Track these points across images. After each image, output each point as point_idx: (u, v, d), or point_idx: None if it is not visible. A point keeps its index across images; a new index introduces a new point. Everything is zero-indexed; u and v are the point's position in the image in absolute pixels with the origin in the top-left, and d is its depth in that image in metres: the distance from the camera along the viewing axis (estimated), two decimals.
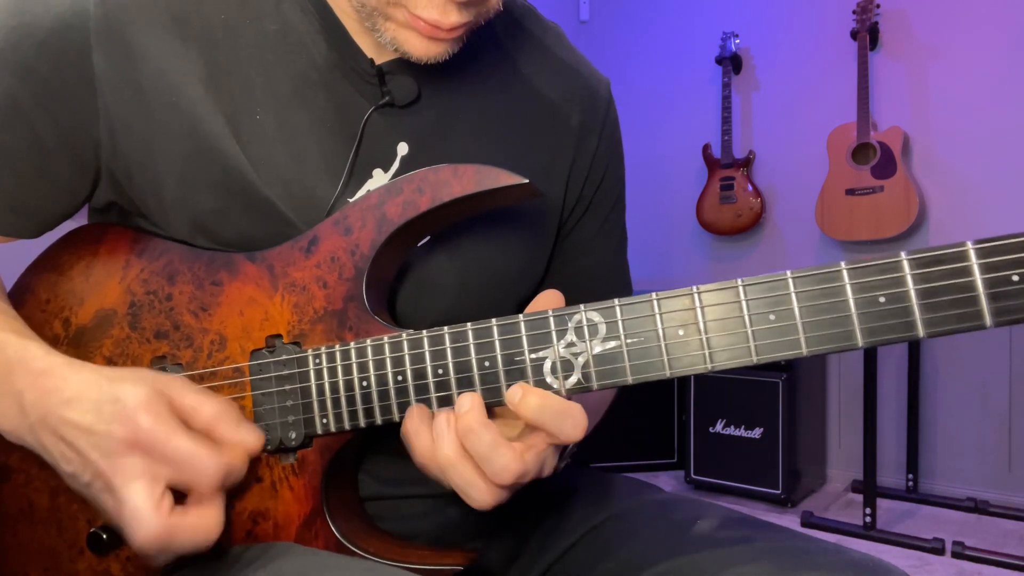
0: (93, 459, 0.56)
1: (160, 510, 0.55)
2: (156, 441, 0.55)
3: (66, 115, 0.65)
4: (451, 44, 0.64)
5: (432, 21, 0.60)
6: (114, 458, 0.55)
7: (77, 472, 0.58)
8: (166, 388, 0.58)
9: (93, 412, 0.56)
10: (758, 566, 0.60)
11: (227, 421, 0.59)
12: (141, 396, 0.56)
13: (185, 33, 0.66)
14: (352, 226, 0.64)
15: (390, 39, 0.63)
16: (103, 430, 0.55)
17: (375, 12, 0.62)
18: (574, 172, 0.78)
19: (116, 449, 0.55)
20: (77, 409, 0.56)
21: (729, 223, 3.26)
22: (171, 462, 0.55)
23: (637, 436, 3.09)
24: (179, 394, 0.58)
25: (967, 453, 2.85)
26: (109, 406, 0.56)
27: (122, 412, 0.55)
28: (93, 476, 0.57)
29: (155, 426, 0.55)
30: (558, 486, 0.78)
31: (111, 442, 0.55)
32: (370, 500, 0.72)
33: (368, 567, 0.58)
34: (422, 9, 0.60)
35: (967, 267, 0.50)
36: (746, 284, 0.54)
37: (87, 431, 0.56)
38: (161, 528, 0.54)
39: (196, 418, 0.58)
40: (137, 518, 0.54)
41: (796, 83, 3.22)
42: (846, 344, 0.52)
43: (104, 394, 0.56)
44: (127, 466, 0.55)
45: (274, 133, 0.66)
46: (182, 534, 0.56)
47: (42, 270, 0.72)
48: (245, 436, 0.59)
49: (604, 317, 0.57)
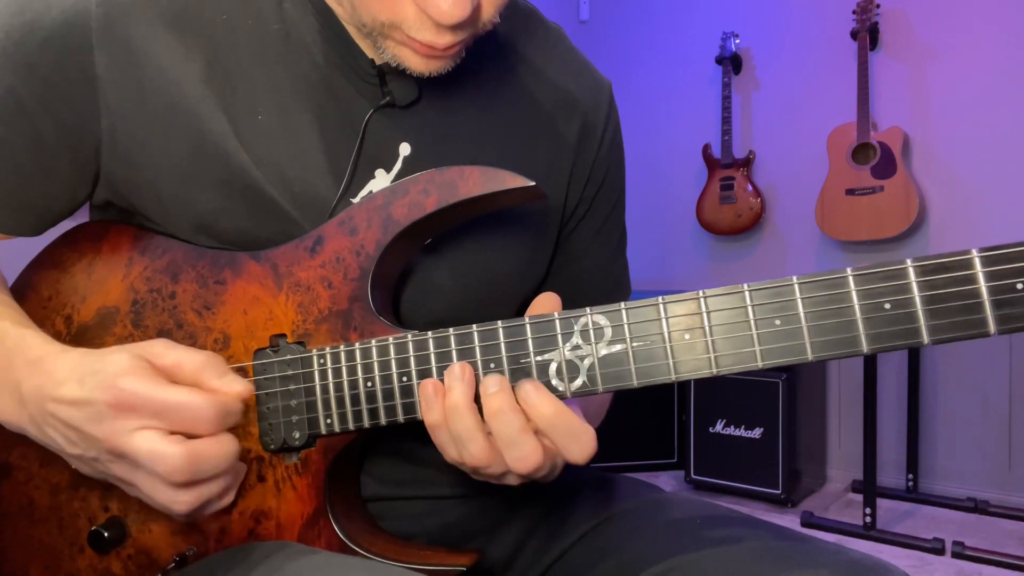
0: (89, 431, 0.56)
1: (174, 441, 0.55)
2: (140, 398, 0.55)
3: (67, 113, 0.65)
4: (449, 60, 0.64)
5: (427, 42, 0.61)
6: (106, 422, 0.55)
7: (82, 451, 0.58)
8: (145, 351, 0.58)
9: (77, 384, 0.56)
10: (758, 566, 0.60)
11: (212, 371, 0.59)
12: (121, 362, 0.56)
13: (186, 33, 0.66)
14: (358, 226, 0.64)
15: (391, 56, 0.64)
16: (88, 397, 0.56)
17: (373, 32, 0.62)
18: (575, 174, 0.78)
19: (105, 413, 0.55)
20: (65, 387, 0.57)
21: (729, 223, 3.26)
22: (163, 412, 0.55)
23: (637, 436, 3.09)
24: (160, 354, 0.58)
25: (967, 453, 2.85)
26: (91, 377, 0.56)
27: (104, 379, 0.56)
28: (98, 449, 0.57)
29: (137, 384, 0.55)
30: (558, 486, 0.77)
31: (98, 408, 0.55)
32: (371, 501, 0.72)
33: (371, 567, 0.58)
34: (416, 31, 0.60)
35: (972, 275, 0.50)
36: (752, 289, 0.54)
37: (75, 404, 0.56)
38: (182, 453, 0.55)
39: (180, 373, 0.58)
40: (155, 455, 0.55)
41: (796, 83, 3.22)
42: (851, 350, 0.52)
43: (86, 367, 0.57)
44: (122, 426, 0.55)
45: (276, 132, 0.66)
46: (207, 454, 0.56)
47: (44, 267, 0.72)
48: (231, 383, 0.59)
49: (610, 320, 0.57)
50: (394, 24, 0.60)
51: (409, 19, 0.60)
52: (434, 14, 0.58)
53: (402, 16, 0.60)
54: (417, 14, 0.59)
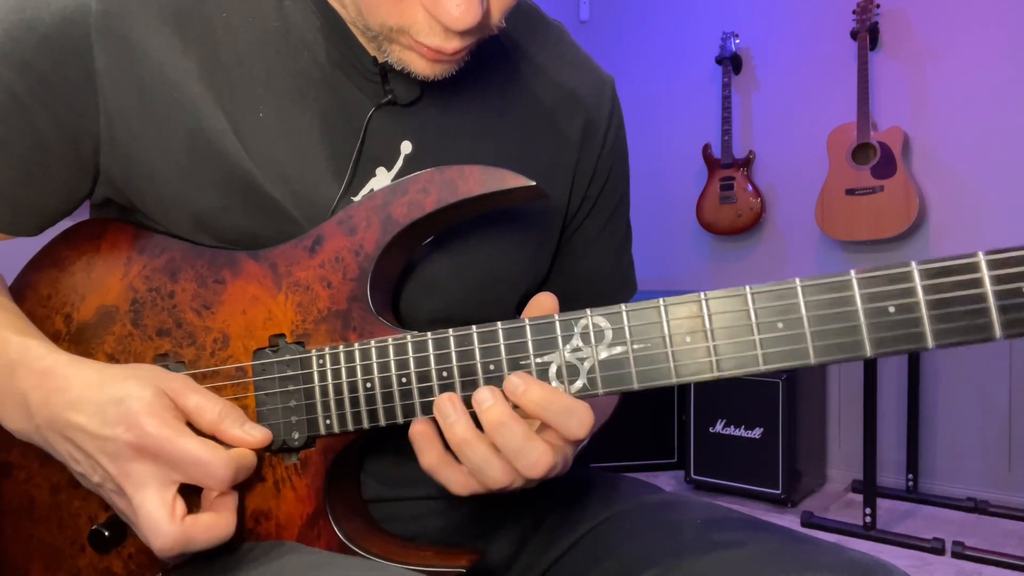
0: (102, 463, 0.56)
1: (175, 517, 0.55)
2: (163, 445, 0.55)
3: (66, 111, 0.65)
4: (455, 63, 0.64)
5: (435, 47, 0.60)
6: (122, 462, 0.55)
7: (87, 473, 0.58)
8: (169, 388, 0.58)
9: (97, 415, 0.56)
10: (758, 566, 0.60)
11: (232, 420, 0.59)
12: (145, 398, 0.56)
13: (186, 30, 0.66)
14: (357, 226, 0.64)
15: (395, 60, 0.64)
16: (109, 434, 0.55)
17: (379, 36, 0.62)
18: (579, 171, 0.78)
19: (123, 453, 0.55)
20: (81, 412, 0.56)
21: (729, 223, 3.26)
22: (179, 464, 0.56)
23: (637, 436, 3.09)
24: (183, 395, 0.58)
25: (967, 453, 2.85)
26: (112, 408, 0.56)
27: (126, 415, 0.55)
28: (103, 479, 0.57)
29: (160, 430, 0.55)
30: (558, 486, 0.78)
31: (117, 446, 0.55)
32: (371, 502, 0.72)
33: (370, 567, 0.58)
34: (425, 36, 0.60)
35: (978, 278, 0.49)
36: (754, 292, 0.53)
37: (92, 435, 0.56)
38: (177, 534, 0.55)
39: (202, 418, 0.58)
40: (152, 527, 0.55)
41: (796, 83, 3.22)
42: (855, 354, 0.51)
43: (107, 396, 0.56)
44: (136, 472, 0.55)
45: (276, 131, 0.66)
46: (198, 536, 0.57)
47: (42, 266, 0.72)
48: (252, 433, 0.60)
49: (611, 323, 0.57)
50: (402, 29, 0.60)
51: (418, 24, 0.60)
52: (445, 20, 0.57)
53: (411, 21, 0.60)
54: (427, 19, 0.59)
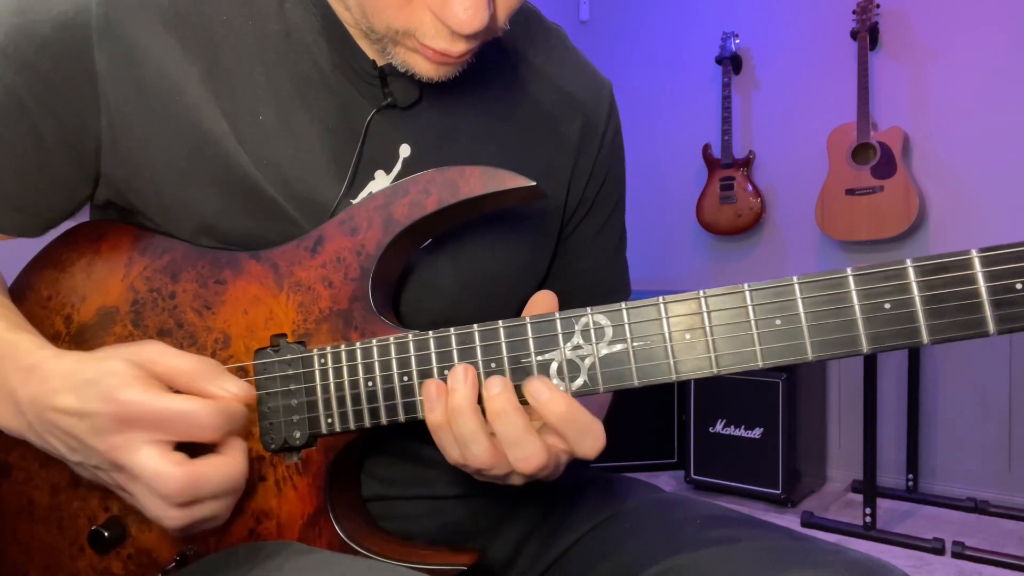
0: (91, 443, 0.56)
1: (176, 463, 0.54)
2: (142, 409, 0.54)
3: (67, 113, 0.65)
4: (459, 65, 0.65)
5: (441, 50, 0.61)
6: (108, 436, 0.55)
7: (84, 459, 0.58)
8: (139, 357, 0.57)
9: (76, 396, 0.56)
10: (758, 566, 0.60)
11: (207, 375, 0.58)
12: (118, 371, 0.55)
13: (186, 33, 0.66)
14: (358, 226, 0.64)
15: (400, 62, 0.64)
16: (89, 410, 0.55)
17: (384, 38, 0.62)
18: (576, 174, 0.79)
19: (108, 427, 0.55)
20: (63, 397, 0.56)
21: (729, 223, 3.26)
22: (165, 423, 0.55)
23: (637, 436, 3.09)
24: (154, 360, 0.57)
25: (967, 453, 2.85)
26: (88, 387, 0.55)
27: (102, 390, 0.55)
28: (99, 459, 0.57)
29: (137, 396, 0.54)
30: (558, 486, 0.78)
31: (100, 421, 0.55)
32: (372, 501, 0.72)
33: (371, 566, 0.58)
34: (431, 39, 0.60)
35: (972, 275, 0.50)
36: (752, 289, 0.54)
37: (76, 415, 0.56)
38: (184, 476, 0.54)
39: (178, 378, 0.57)
40: (156, 477, 0.54)
41: (796, 83, 3.22)
42: (851, 350, 0.52)
43: (82, 376, 0.56)
44: (125, 441, 0.55)
45: (276, 133, 0.66)
46: (208, 478, 0.55)
47: (43, 267, 0.72)
48: (229, 386, 0.58)
49: (611, 320, 0.57)
50: (408, 32, 0.61)
51: (424, 27, 0.60)
52: (452, 24, 0.58)
53: (417, 24, 0.60)
54: (433, 22, 0.59)
